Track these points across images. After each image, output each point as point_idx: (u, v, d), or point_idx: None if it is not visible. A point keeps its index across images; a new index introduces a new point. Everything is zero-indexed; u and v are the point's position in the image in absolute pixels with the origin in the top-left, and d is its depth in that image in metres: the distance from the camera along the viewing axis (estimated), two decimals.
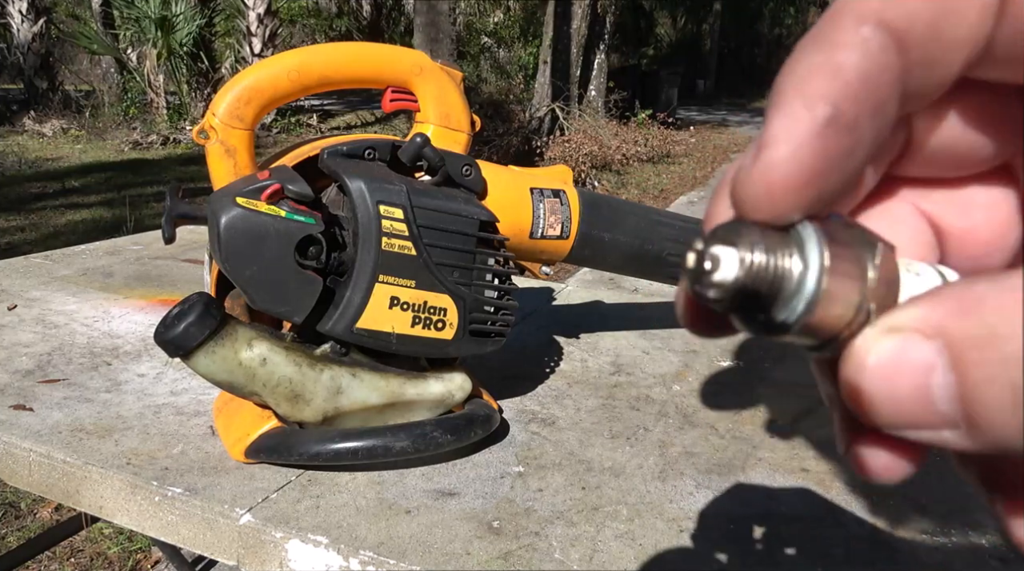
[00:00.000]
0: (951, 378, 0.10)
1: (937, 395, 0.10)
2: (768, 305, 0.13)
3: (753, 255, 0.13)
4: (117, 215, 3.94)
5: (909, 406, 0.11)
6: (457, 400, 0.56)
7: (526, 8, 11.23)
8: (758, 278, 0.13)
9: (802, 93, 0.12)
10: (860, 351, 0.11)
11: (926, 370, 0.11)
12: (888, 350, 0.11)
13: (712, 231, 0.13)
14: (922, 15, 0.12)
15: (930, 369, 0.10)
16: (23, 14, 7.42)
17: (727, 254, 0.13)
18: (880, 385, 0.11)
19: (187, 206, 0.54)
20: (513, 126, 6.07)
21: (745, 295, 0.13)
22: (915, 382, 0.11)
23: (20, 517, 1.50)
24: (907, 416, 0.11)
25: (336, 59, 0.59)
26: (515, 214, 0.61)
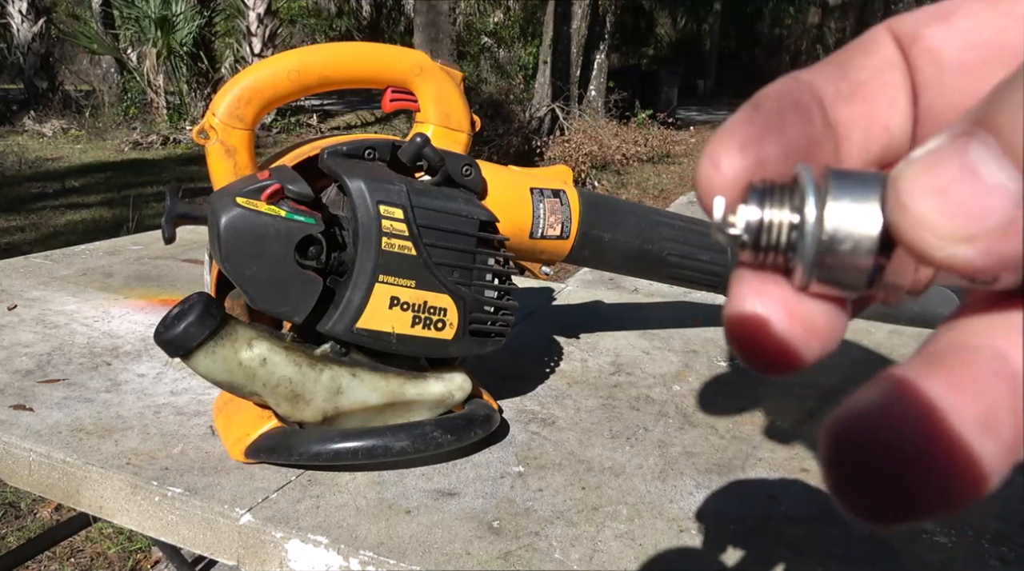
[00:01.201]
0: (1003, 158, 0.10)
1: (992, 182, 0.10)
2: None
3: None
4: (117, 215, 3.94)
5: (975, 203, 0.10)
6: (457, 400, 0.56)
7: (526, 8, 11.23)
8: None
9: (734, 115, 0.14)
10: (906, 174, 0.11)
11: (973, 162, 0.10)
12: (934, 157, 0.11)
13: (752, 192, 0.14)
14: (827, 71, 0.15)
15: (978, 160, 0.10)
16: (23, 14, 7.42)
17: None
18: (935, 190, 0.11)
19: (187, 206, 0.54)
20: (513, 126, 6.07)
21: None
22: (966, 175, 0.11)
23: (20, 517, 1.50)
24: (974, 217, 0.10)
25: (336, 59, 0.59)
26: (515, 214, 0.60)
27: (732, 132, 0.14)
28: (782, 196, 0.14)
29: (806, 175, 0.13)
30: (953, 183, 0.10)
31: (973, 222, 0.10)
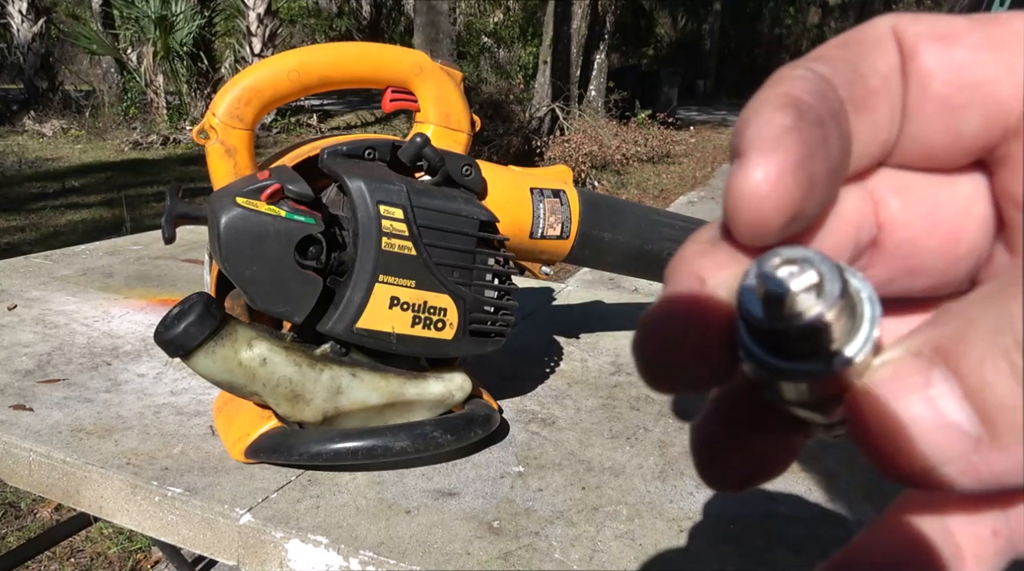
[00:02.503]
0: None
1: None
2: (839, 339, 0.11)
3: (840, 277, 0.11)
4: (117, 215, 3.94)
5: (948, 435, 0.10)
6: (457, 400, 0.56)
7: (526, 8, 11.23)
8: (846, 302, 0.11)
9: (766, 107, 0.13)
10: (894, 381, 0.11)
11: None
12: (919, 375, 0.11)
13: (776, 251, 0.12)
14: (842, 68, 0.13)
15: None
16: (23, 14, 7.42)
17: (829, 272, 0.11)
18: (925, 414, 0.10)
19: (187, 206, 0.54)
20: (513, 126, 6.07)
21: (832, 325, 0.11)
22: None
23: (20, 517, 1.50)
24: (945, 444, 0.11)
25: (336, 59, 0.59)
26: (515, 214, 0.61)
27: (781, 144, 0.12)
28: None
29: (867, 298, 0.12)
30: (918, 417, 0.10)
31: (939, 453, 0.10)
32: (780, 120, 0.12)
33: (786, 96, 0.13)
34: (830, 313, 0.11)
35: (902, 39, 0.13)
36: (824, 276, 0.11)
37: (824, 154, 0.12)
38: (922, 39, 0.13)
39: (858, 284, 0.12)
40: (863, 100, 0.13)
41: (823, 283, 0.11)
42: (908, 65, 0.13)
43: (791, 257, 0.12)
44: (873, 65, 0.13)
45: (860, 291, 0.12)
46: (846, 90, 0.13)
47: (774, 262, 0.12)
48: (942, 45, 0.13)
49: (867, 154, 0.14)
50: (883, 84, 0.13)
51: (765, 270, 0.12)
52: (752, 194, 0.12)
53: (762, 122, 0.12)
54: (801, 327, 0.11)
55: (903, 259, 0.15)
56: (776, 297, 0.11)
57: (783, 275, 0.12)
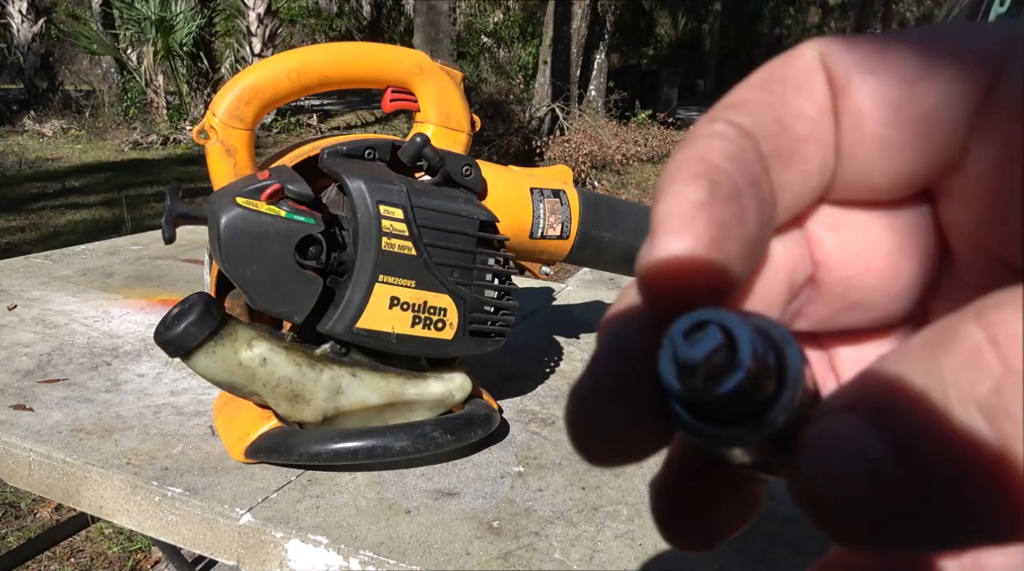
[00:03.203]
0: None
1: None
2: (765, 400, 0.11)
3: (756, 338, 0.11)
4: (117, 215, 3.94)
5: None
6: (457, 400, 0.56)
7: (526, 8, 11.23)
8: (765, 365, 0.11)
9: (679, 178, 0.12)
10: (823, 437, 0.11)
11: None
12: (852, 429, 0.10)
13: (690, 317, 0.11)
14: (763, 115, 0.12)
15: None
16: (23, 14, 7.42)
17: (743, 335, 0.11)
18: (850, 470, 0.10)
19: (187, 206, 0.54)
20: (513, 126, 6.07)
21: (753, 388, 0.11)
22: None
23: (20, 517, 1.50)
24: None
25: (336, 59, 0.59)
26: (515, 214, 0.60)
27: (692, 224, 0.11)
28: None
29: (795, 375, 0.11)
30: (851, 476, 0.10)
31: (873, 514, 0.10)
32: (691, 195, 0.12)
33: (701, 163, 0.12)
34: (747, 378, 0.11)
35: (832, 73, 0.13)
36: (738, 339, 0.11)
37: (740, 231, 0.12)
38: (853, 73, 0.12)
39: (780, 338, 0.11)
40: (790, 151, 0.13)
41: (737, 347, 0.11)
42: (839, 103, 0.12)
43: (702, 320, 0.11)
44: (799, 109, 0.13)
45: (783, 346, 0.11)
46: (770, 143, 0.12)
47: (683, 329, 0.11)
48: (876, 80, 0.12)
49: (798, 202, 0.13)
50: (812, 130, 0.13)
51: (675, 338, 0.11)
52: (659, 274, 0.12)
53: (673, 197, 0.12)
54: (718, 396, 0.11)
55: (842, 296, 0.14)
56: (688, 367, 0.11)
57: (693, 342, 0.11)
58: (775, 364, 0.11)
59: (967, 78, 0.12)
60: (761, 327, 0.11)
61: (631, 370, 0.12)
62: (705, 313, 0.11)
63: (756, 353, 0.11)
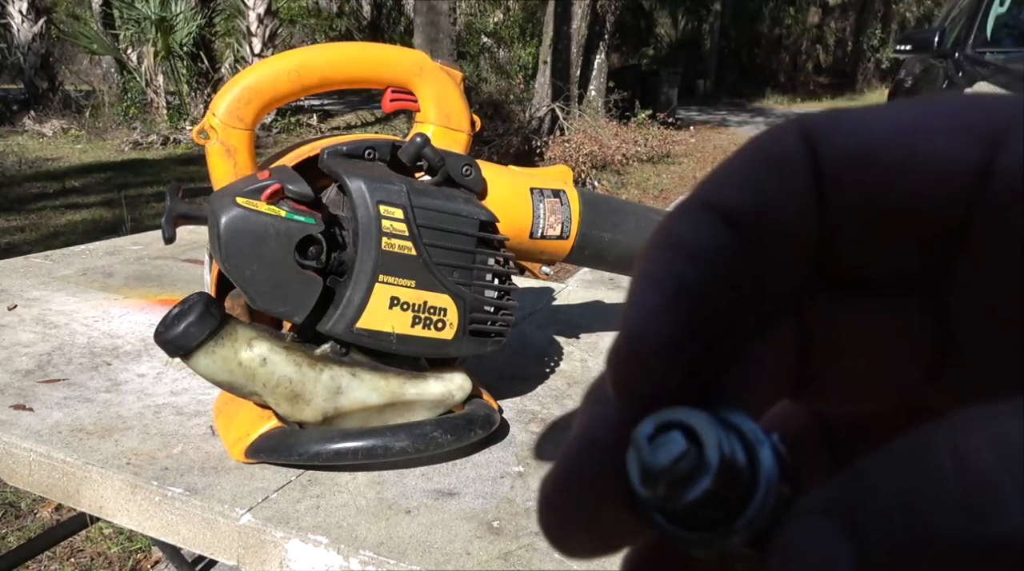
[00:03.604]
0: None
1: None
2: (737, 503, 0.10)
3: (724, 439, 0.10)
4: (117, 215, 3.94)
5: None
6: (457, 400, 0.56)
7: (526, 8, 11.23)
8: (734, 469, 0.11)
9: (650, 273, 0.12)
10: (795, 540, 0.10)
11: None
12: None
13: (656, 417, 0.11)
14: (744, 200, 0.12)
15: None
16: (23, 14, 7.42)
17: (710, 437, 0.10)
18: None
19: (187, 206, 0.54)
20: (513, 126, 6.07)
21: (722, 493, 0.11)
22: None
23: (20, 517, 1.50)
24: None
25: (336, 59, 0.59)
26: (515, 214, 0.60)
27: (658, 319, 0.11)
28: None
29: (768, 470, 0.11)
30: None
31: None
32: (657, 297, 0.11)
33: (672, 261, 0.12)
34: (714, 484, 0.10)
35: (816, 155, 0.12)
36: (704, 443, 0.10)
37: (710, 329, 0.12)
38: (838, 157, 0.12)
39: (753, 437, 0.11)
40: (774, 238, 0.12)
41: (703, 451, 0.10)
42: (826, 189, 0.12)
43: (668, 422, 0.11)
44: (784, 194, 0.12)
45: (756, 447, 0.11)
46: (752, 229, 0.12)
47: (648, 432, 0.11)
48: (862, 165, 0.11)
49: (785, 289, 0.13)
50: (796, 216, 0.12)
51: (639, 443, 0.11)
52: (625, 370, 0.12)
53: (641, 294, 0.12)
54: (685, 503, 0.10)
55: (836, 382, 0.14)
56: (652, 473, 0.11)
57: (657, 448, 0.11)
58: (747, 465, 0.11)
59: (961, 159, 0.11)
60: (733, 424, 0.11)
61: (600, 466, 0.12)
62: (672, 413, 0.11)
63: (724, 457, 0.10)
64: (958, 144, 0.11)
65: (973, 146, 0.11)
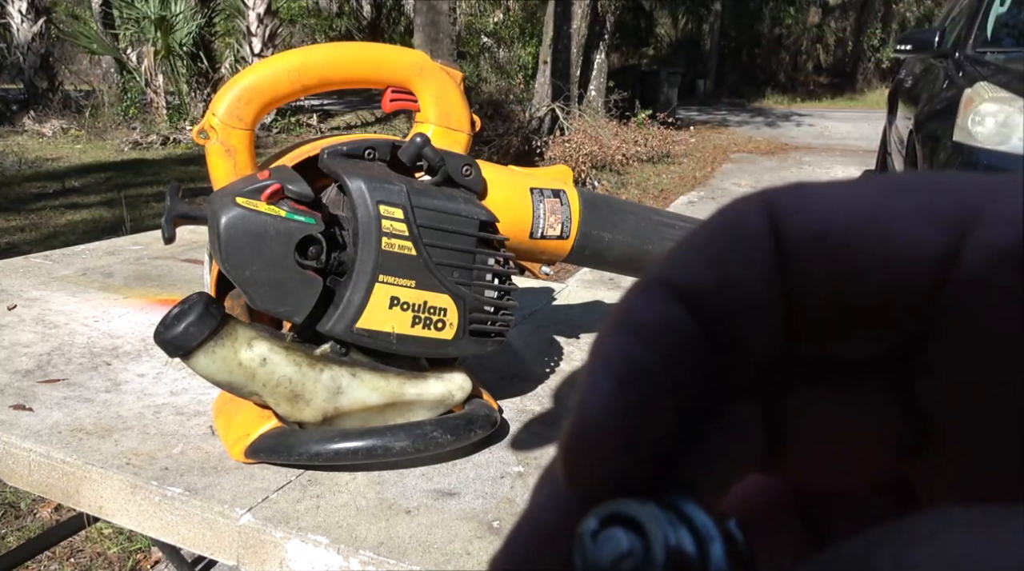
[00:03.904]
0: None
1: None
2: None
3: (672, 535, 0.10)
4: (117, 215, 3.94)
5: None
6: (457, 400, 0.56)
7: (526, 8, 11.23)
8: (682, 566, 0.10)
9: (604, 355, 0.11)
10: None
11: None
12: None
13: (602, 510, 0.11)
14: (705, 280, 0.12)
15: None
16: (23, 14, 7.42)
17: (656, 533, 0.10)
18: None
19: (187, 206, 0.54)
20: (513, 126, 6.07)
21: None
22: None
23: (20, 517, 1.50)
24: None
25: (336, 59, 0.59)
26: (515, 214, 0.60)
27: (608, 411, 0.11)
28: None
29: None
30: None
31: None
32: (608, 385, 0.11)
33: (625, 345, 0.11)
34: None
35: (780, 235, 0.11)
36: (651, 539, 0.10)
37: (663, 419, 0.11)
38: (803, 238, 0.11)
39: (704, 532, 0.10)
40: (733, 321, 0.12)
41: (650, 548, 0.10)
42: (789, 271, 0.11)
43: (614, 515, 0.11)
44: (746, 275, 0.12)
45: (707, 542, 0.10)
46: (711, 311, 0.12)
47: (593, 527, 0.11)
48: (825, 250, 0.11)
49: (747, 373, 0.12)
50: (758, 298, 0.12)
51: (583, 538, 0.11)
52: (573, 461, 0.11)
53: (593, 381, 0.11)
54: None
55: (810, 463, 0.14)
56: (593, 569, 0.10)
57: (601, 544, 0.10)
58: (697, 561, 0.10)
59: (926, 246, 0.11)
60: (685, 517, 0.11)
61: (548, 554, 0.12)
62: (619, 506, 0.11)
63: (671, 555, 0.10)
64: (923, 230, 0.11)
65: (939, 232, 0.11)
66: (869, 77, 15.69)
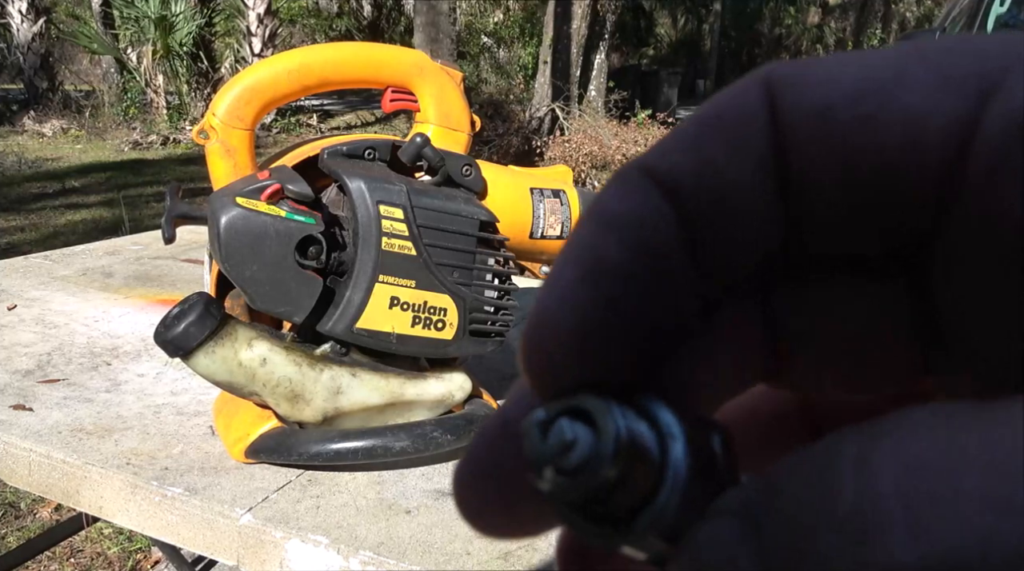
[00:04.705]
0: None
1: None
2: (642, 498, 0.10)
3: (624, 423, 0.10)
4: (117, 215, 3.94)
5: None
6: (457, 400, 0.56)
7: (526, 8, 11.24)
8: (635, 461, 0.10)
9: (571, 247, 0.10)
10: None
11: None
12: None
13: (553, 405, 0.10)
14: (686, 164, 0.10)
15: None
16: (23, 14, 7.42)
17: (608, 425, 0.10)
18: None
19: (187, 206, 0.54)
20: (513, 126, 6.07)
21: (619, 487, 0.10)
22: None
23: (20, 517, 1.50)
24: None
25: (336, 59, 0.59)
26: (515, 214, 0.60)
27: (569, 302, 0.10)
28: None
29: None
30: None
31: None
32: (572, 273, 0.10)
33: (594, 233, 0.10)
34: (608, 474, 0.10)
35: (777, 112, 0.10)
36: (602, 431, 0.10)
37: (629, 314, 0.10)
38: (800, 113, 0.10)
39: (667, 430, 0.10)
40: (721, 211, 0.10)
41: (600, 440, 0.10)
42: (785, 153, 0.10)
43: (565, 408, 0.10)
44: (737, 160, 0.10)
45: (668, 439, 0.10)
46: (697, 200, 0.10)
47: (540, 417, 0.10)
48: (825, 124, 0.10)
49: (739, 272, 0.11)
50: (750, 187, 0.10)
51: (526, 428, 0.10)
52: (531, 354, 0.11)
53: (557, 271, 0.10)
54: (577, 494, 0.10)
55: (817, 374, 0.13)
56: (537, 461, 0.10)
57: (549, 435, 0.10)
58: (657, 458, 0.10)
59: (940, 114, 0.09)
60: (649, 414, 0.10)
61: (512, 449, 0.11)
62: (574, 401, 0.10)
63: (621, 448, 0.10)
64: (937, 96, 0.09)
65: (955, 98, 0.09)
66: None
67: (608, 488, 0.10)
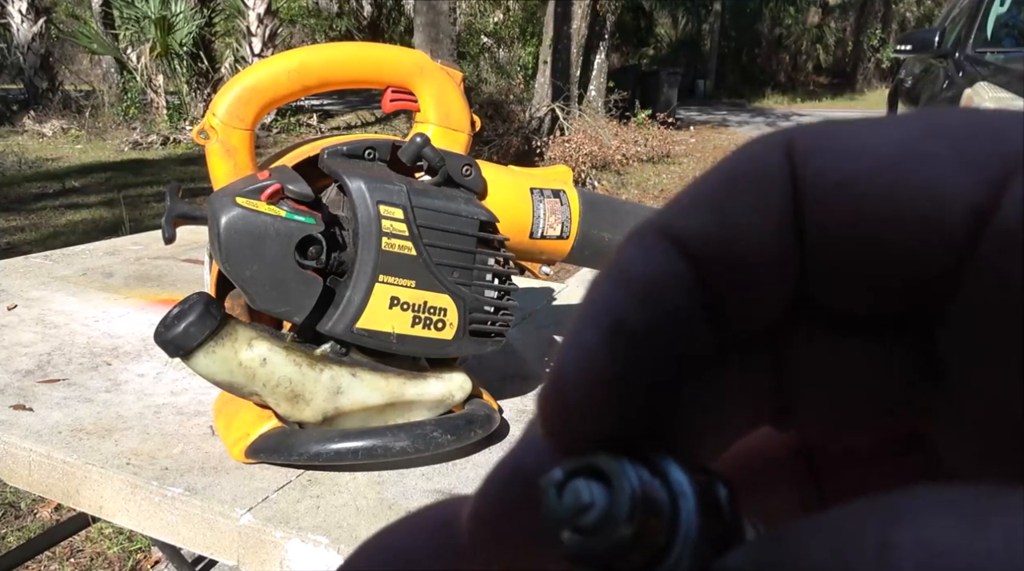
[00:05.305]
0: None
1: None
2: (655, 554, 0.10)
3: (639, 483, 0.10)
4: (117, 215, 3.94)
5: None
6: (457, 400, 0.56)
7: (526, 8, 11.23)
8: (649, 520, 0.10)
9: (591, 306, 0.11)
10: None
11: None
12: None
13: (569, 464, 0.10)
14: (707, 227, 0.11)
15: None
16: (23, 14, 7.42)
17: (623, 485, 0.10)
18: None
19: (187, 206, 0.54)
20: (513, 126, 6.07)
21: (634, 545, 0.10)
22: None
23: (20, 517, 1.50)
24: None
25: (336, 59, 0.59)
26: (515, 214, 0.60)
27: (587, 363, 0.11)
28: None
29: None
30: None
31: None
32: (593, 336, 0.10)
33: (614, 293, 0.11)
34: (623, 533, 0.10)
35: (798, 182, 0.10)
36: (616, 491, 0.10)
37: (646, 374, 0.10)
38: (820, 188, 0.10)
39: (677, 488, 0.10)
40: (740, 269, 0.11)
41: (615, 501, 0.10)
42: (805, 215, 0.10)
43: (581, 467, 0.10)
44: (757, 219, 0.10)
45: (679, 498, 0.10)
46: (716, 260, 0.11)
47: (558, 477, 0.10)
48: (847, 194, 0.10)
49: (754, 323, 0.11)
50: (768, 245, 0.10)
51: (544, 487, 0.10)
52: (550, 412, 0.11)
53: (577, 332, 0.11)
54: (593, 552, 0.10)
55: (819, 420, 0.13)
56: (554, 521, 0.10)
57: (564, 496, 0.10)
58: (668, 516, 0.10)
59: (960, 195, 0.09)
60: (661, 471, 0.10)
61: (522, 498, 0.11)
62: (588, 459, 0.10)
63: (637, 507, 0.10)
64: (959, 178, 0.10)
65: (975, 180, 0.09)
66: (869, 77, 15.70)
67: (624, 546, 0.10)
